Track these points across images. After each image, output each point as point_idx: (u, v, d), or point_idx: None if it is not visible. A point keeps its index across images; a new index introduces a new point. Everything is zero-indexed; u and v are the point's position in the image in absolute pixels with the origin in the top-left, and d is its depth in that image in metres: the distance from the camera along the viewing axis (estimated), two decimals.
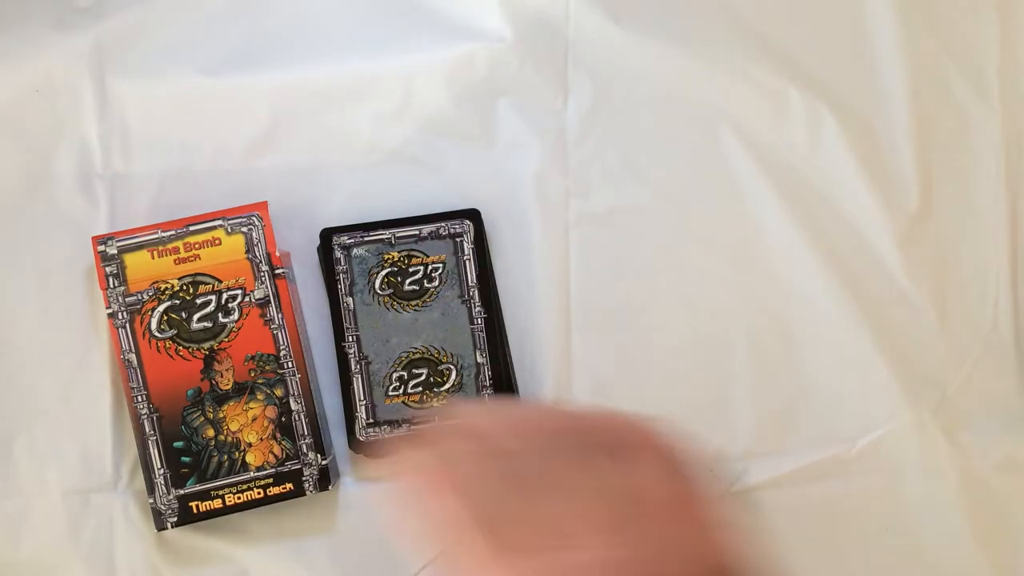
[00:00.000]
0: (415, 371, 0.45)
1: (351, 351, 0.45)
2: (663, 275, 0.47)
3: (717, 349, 0.47)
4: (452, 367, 0.45)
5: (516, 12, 0.46)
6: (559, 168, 0.47)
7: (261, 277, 0.43)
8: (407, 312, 0.45)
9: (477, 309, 0.45)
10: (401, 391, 0.45)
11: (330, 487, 0.44)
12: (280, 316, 0.43)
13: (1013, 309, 0.48)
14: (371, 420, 0.45)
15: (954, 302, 0.47)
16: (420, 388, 0.45)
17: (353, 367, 0.45)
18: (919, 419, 0.47)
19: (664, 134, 0.47)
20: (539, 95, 0.47)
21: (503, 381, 0.45)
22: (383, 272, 0.45)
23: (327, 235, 0.45)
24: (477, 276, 0.45)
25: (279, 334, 0.43)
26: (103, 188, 0.46)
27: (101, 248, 0.43)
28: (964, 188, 0.48)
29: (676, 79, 0.47)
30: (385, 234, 0.45)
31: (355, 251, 0.45)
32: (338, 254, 0.45)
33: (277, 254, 0.44)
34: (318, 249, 0.45)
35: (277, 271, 0.43)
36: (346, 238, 0.45)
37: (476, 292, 0.45)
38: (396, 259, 0.45)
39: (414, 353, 0.45)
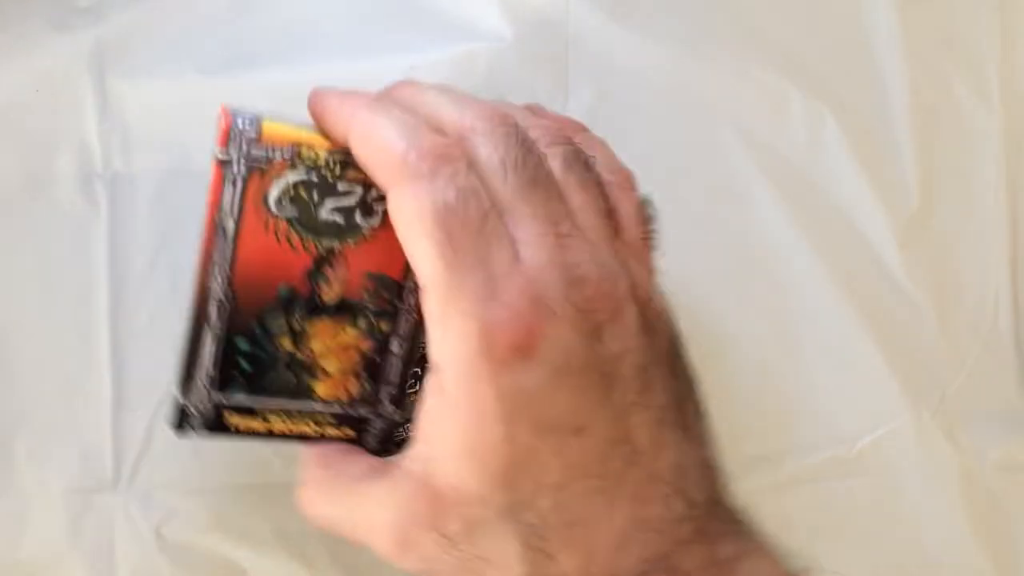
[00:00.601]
0: (425, 366, 0.44)
1: None
2: (663, 275, 0.47)
3: (717, 350, 0.47)
4: None
5: (516, 12, 0.46)
6: None
7: None
8: None
9: None
10: (418, 386, 0.44)
11: (395, 450, 0.36)
12: None
13: (1013, 309, 0.48)
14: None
15: (954, 302, 0.47)
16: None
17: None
18: (919, 419, 0.47)
19: (664, 134, 0.47)
20: (539, 95, 0.47)
21: None
22: None
23: None
24: None
25: None
26: (103, 188, 0.46)
27: (235, 109, 0.33)
28: (964, 188, 0.48)
29: (676, 79, 0.47)
30: None
31: None
32: None
33: None
34: None
35: None
36: None
37: None
38: None
39: (424, 347, 0.45)
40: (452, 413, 0.27)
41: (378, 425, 0.36)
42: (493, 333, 0.25)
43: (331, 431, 0.36)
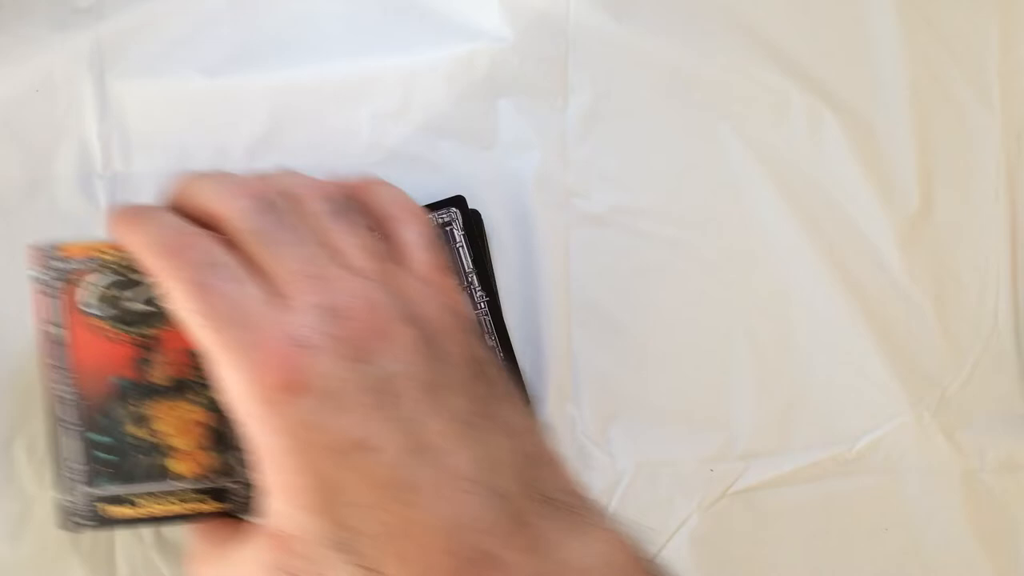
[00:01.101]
0: None
1: None
2: (663, 275, 0.47)
3: (717, 349, 0.47)
4: None
5: (516, 12, 0.46)
6: (559, 168, 0.47)
7: None
8: None
9: (479, 294, 0.45)
10: None
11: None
12: None
13: (1013, 309, 0.48)
14: None
15: (954, 302, 0.47)
16: None
17: None
18: (919, 419, 0.47)
19: (664, 134, 0.47)
20: (539, 95, 0.47)
21: (516, 361, 0.45)
22: None
23: None
24: (473, 261, 0.45)
25: None
26: (103, 188, 0.46)
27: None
28: (964, 188, 0.48)
29: (676, 79, 0.47)
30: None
31: None
32: None
33: None
34: None
35: None
36: None
37: (475, 277, 0.45)
38: None
39: None
40: (257, 460, 0.29)
41: (243, 492, 0.36)
42: (258, 376, 0.28)
43: (202, 506, 0.37)
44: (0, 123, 0.46)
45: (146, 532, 0.45)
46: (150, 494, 0.37)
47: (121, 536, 0.45)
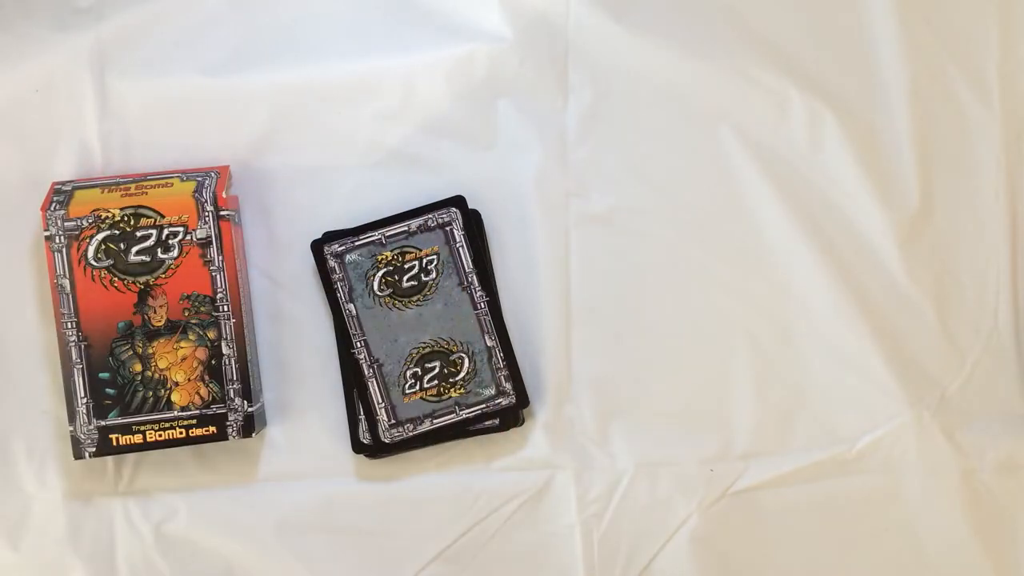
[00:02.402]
0: (428, 365, 0.45)
1: (361, 356, 0.45)
2: (663, 275, 0.47)
3: (717, 349, 0.47)
4: (464, 355, 0.45)
5: (516, 12, 0.46)
6: (559, 168, 0.47)
7: (205, 217, 0.43)
8: (410, 308, 0.45)
9: (479, 294, 0.45)
10: (417, 387, 0.45)
11: (254, 435, 0.44)
12: (220, 258, 0.43)
13: (1013, 309, 0.48)
14: (393, 420, 0.45)
15: (954, 302, 0.47)
16: (436, 381, 0.45)
17: (367, 371, 0.45)
18: (919, 419, 0.47)
19: (664, 134, 0.47)
20: (539, 95, 0.47)
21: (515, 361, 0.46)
22: (379, 273, 0.45)
23: (318, 246, 0.45)
24: (473, 261, 0.45)
25: (217, 276, 0.43)
26: None
27: (59, 186, 0.44)
28: (964, 188, 0.48)
29: (676, 79, 0.47)
30: (375, 235, 0.45)
31: (348, 257, 0.45)
32: (332, 263, 0.45)
33: (224, 196, 0.43)
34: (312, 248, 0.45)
35: (222, 212, 0.43)
36: (337, 246, 0.45)
37: (475, 277, 0.45)
38: (390, 258, 0.45)
39: (424, 348, 0.45)
40: None
41: (235, 417, 0.44)
42: None
43: (196, 431, 0.44)
44: (0, 123, 0.46)
45: (146, 532, 0.45)
46: (153, 423, 0.44)
47: (121, 536, 0.45)
